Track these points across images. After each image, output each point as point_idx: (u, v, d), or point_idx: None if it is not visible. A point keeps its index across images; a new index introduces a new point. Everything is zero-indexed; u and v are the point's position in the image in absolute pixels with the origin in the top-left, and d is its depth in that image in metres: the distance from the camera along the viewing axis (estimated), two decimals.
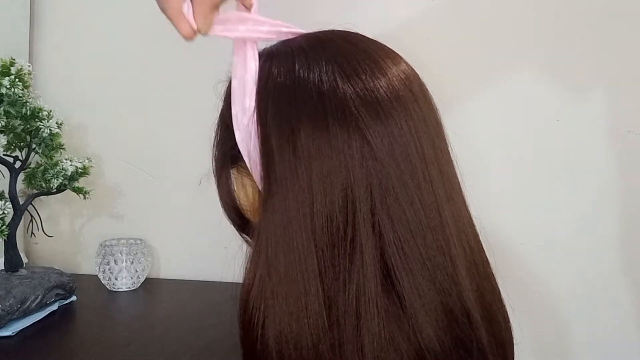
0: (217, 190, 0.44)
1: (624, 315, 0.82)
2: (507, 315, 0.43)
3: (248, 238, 0.44)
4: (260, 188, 0.39)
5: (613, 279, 0.82)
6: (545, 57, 0.82)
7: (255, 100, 0.39)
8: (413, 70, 0.42)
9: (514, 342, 0.44)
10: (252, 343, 0.37)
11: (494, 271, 0.44)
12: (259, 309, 0.36)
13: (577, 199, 0.83)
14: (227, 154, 0.43)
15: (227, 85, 0.44)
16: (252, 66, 0.40)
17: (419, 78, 0.42)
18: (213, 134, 0.45)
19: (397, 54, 0.42)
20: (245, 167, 0.41)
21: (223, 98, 0.45)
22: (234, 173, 0.43)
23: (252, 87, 0.40)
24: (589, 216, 0.82)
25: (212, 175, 0.46)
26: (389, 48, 0.43)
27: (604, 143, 0.81)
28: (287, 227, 0.36)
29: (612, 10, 0.78)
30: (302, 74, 0.38)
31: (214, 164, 0.45)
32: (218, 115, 0.45)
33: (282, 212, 0.36)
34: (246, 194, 0.43)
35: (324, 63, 0.38)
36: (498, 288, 0.43)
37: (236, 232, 0.47)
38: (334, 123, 0.36)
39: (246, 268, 0.39)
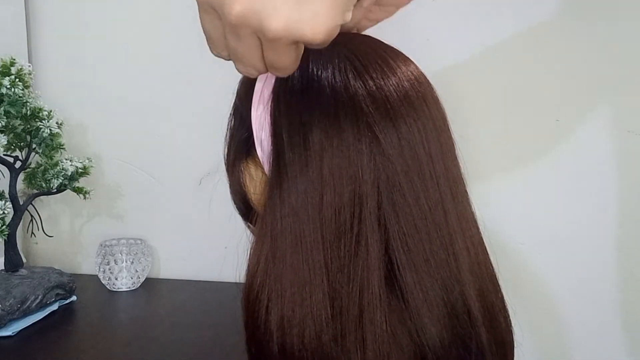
0: (228, 179, 0.45)
1: (624, 316, 0.82)
2: (509, 317, 0.44)
3: (252, 226, 0.44)
4: (269, 178, 0.40)
5: (613, 279, 0.82)
6: (545, 56, 0.82)
7: (271, 93, 0.40)
8: (422, 71, 0.43)
9: (516, 344, 0.44)
10: (255, 327, 0.37)
11: (496, 273, 0.44)
12: (263, 291, 0.37)
13: (577, 199, 0.83)
14: (240, 143, 0.43)
15: (243, 76, 0.45)
16: None
17: (427, 79, 0.43)
18: (226, 124, 0.46)
19: (407, 56, 0.43)
20: (256, 158, 0.41)
21: (239, 89, 0.45)
22: (244, 163, 0.43)
23: (271, 79, 0.40)
24: (588, 216, 0.82)
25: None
26: (398, 50, 0.44)
27: (604, 143, 0.81)
28: (295, 217, 0.36)
29: (613, 10, 0.78)
30: (315, 71, 0.39)
31: (226, 154, 0.46)
32: (232, 105, 0.46)
33: (290, 202, 0.37)
34: (255, 184, 0.43)
35: (337, 61, 0.39)
36: (501, 290, 0.44)
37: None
38: (345, 119, 0.37)
39: (250, 254, 0.39)
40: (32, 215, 0.94)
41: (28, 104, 0.82)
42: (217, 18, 0.31)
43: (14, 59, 0.82)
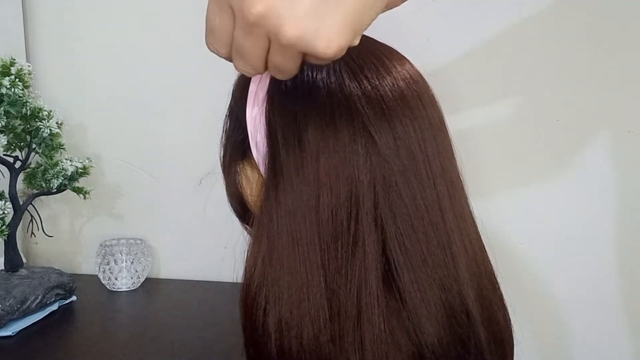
0: (224, 180, 0.45)
1: (624, 316, 0.82)
2: (508, 315, 0.43)
3: (249, 227, 0.44)
4: (265, 179, 0.39)
5: (613, 279, 0.82)
6: (545, 56, 0.82)
7: (266, 94, 0.40)
8: (417, 70, 0.43)
9: (515, 342, 0.44)
10: (253, 329, 0.37)
11: (495, 271, 0.44)
12: (261, 294, 0.37)
13: (577, 198, 0.83)
14: (236, 145, 0.43)
15: (237, 78, 0.45)
16: None
17: (423, 78, 0.43)
18: (222, 126, 0.46)
19: (402, 55, 0.43)
20: (252, 160, 0.41)
21: (234, 90, 0.45)
22: (240, 164, 0.43)
23: (265, 81, 0.40)
24: (588, 216, 0.82)
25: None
26: (394, 49, 0.44)
27: (604, 143, 0.81)
28: (292, 218, 0.36)
29: (612, 10, 0.78)
30: (310, 71, 0.39)
31: (222, 155, 0.46)
32: (227, 107, 0.46)
33: (287, 203, 0.37)
34: (251, 186, 0.43)
35: (331, 61, 0.39)
36: (499, 288, 0.44)
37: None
38: (340, 119, 0.37)
39: (247, 256, 0.39)
40: (32, 215, 0.94)
41: (28, 104, 0.82)
42: (230, 14, 0.30)
43: (14, 59, 0.82)
